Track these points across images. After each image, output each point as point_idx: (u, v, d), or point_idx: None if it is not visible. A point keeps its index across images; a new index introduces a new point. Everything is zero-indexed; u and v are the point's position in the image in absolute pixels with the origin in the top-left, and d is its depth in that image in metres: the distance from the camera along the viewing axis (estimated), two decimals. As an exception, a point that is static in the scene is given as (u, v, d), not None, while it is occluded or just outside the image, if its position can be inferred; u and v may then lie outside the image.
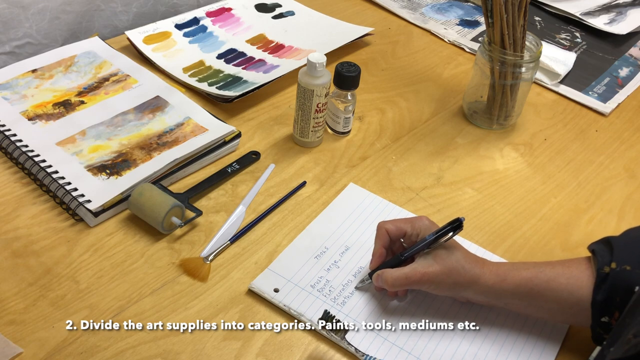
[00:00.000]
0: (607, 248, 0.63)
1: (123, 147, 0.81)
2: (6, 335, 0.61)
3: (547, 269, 0.64)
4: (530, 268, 0.64)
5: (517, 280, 0.63)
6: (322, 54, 0.81)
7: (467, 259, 0.64)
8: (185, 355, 0.61)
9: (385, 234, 0.67)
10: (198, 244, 0.72)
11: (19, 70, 0.91)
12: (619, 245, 0.62)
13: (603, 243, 0.64)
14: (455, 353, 0.64)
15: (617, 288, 0.60)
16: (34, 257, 0.69)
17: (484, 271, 0.64)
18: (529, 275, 0.63)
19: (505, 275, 0.64)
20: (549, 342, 0.66)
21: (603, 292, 0.61)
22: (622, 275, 0.60)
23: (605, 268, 0.61)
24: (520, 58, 0.90)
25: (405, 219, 0.68)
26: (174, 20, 1.08)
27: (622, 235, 0.65)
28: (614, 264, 0.61)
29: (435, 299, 0.69)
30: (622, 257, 0.61)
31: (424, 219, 0.67)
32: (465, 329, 0.66)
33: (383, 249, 0.68)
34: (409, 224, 0.67)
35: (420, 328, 0.66)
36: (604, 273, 0.61)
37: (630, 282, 0.59)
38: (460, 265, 0.63)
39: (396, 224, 0.68)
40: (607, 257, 0.62)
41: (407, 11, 1.24)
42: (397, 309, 0.68)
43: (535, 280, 0.63)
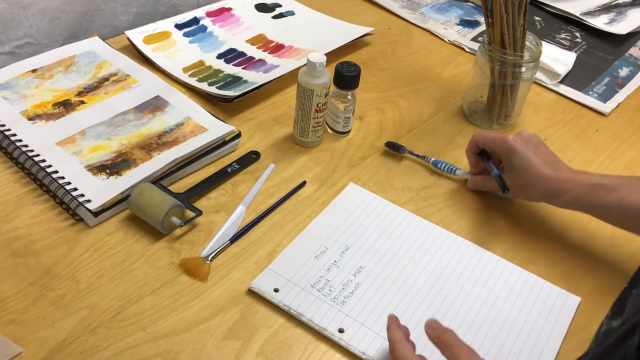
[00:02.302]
0: None
1: (123, 147, 0.81)
2: (6, 335, 0.61)
3: (623, 185, 0.67)
4: (605, 185, 0.68)
5: (591, 197, 0.69)
6: (322, 54, 0.81)
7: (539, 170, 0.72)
8: (185, 355, 0.61)
9: (474, 144, 0.80)
10: (198, 244, 0.72)
11: (19, 70, 0.91)
12: None
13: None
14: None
15: None
16: (34, 257, 0.69)
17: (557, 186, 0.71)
18: (604, 192, 0.68)
19: (579, 191, 0.69)
20: (549, 342, 0.66)
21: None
22: None
23: None
24: (520, 58, 0.90)
25: (494, 135, 0.78)
26: (174, 20, 1.08)
27: None
28: None
29: (435, 298, 0.69)
30: None
31: (508, 138, 0.75)
32: (465, 329, 0.66)
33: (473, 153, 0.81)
34: (493, 142, 0.77)
35: (420, 328, 0.66)
36: None
37: None
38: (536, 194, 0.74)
39: (485, 139, 0.78)
40: None
41: (407, 11, 1.24)
42: (397, 308, 0.68)
43: (608, 199, 0.68)
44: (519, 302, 0.70)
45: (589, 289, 0.73)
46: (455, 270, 0.72)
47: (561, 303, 0.70)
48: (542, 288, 0.72)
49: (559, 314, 0.69)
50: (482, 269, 0.73)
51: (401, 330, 0.60)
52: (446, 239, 0.76)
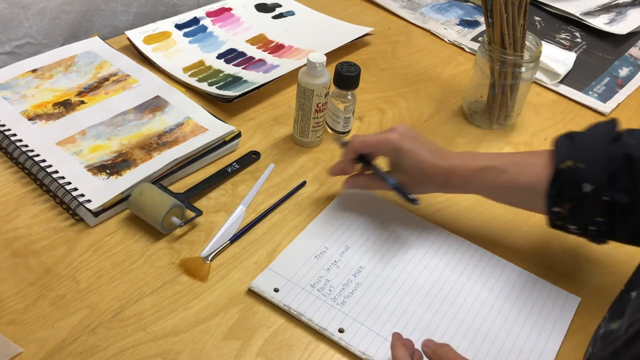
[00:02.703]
0: (569, 143, 0.67)
1: (123, 147, 0.81)
2: (6, 335, 0.61)
3: (511, 168, 0.69)
4: (493, 168, 0.70)
5: (480, 181, 0.71)
6: (322, 54, 0.81)
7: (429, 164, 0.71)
8: (185, 355, 0.61)
9: (352, 152, 0.75)
10: (198, 244, 0.72)
11: (19, 70, 0.91)
12: (580, 143, 0.66)
13: (566, 137, 0.68)
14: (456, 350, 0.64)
15: (569, 184, 0.65)
16: (34, 257, 0.69)
17: (448, 175, 0.71)
18: (492, 176, 0.70)
19: (469, 176, 0.71)
20: (549, 342, 0.66)
21: (557, 187, 0.66)
22: (575, 172, 0.65)
23: (562, 165, 0.65)
24: (520, 58, 0.90)
25: (374, 137, 0.73)
26: (174, 20, 1.08)
27: (587, 131, 0.69)
28: (570, 162, 0.65)
29: (435, 298, 0.69)
30: (579, 155, 0.65)
31: (392, 137, 0.71)
32: (465, 329, 0.66)
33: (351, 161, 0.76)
34: (377, 146, 0.73)
35: (420, 328, 0.66)
36: (559, 170, 0.65)
37: (580, 179, 0.64)
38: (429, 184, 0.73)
39: (366, 142, 0.73)
40: (564, 154, 0.66)
41: (407, 11, 1.24)
42: (397, 308, 0.68)
43: (498, 182, 0.70)
44: (519, 302, 0.70)
45: (589, 289, 0.73)
46: (455, 270, 0.72)
47: (561, 303, 0.70)
48: (542, 288, 0.72)
49: (559, 314, 0.69)
50: (482, 269, 0.73)
51: (405, 347, 0.60)
52: (446, 239, 0.76)
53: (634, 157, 0.63)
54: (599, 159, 0.65)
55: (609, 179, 0.64)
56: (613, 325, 0.53)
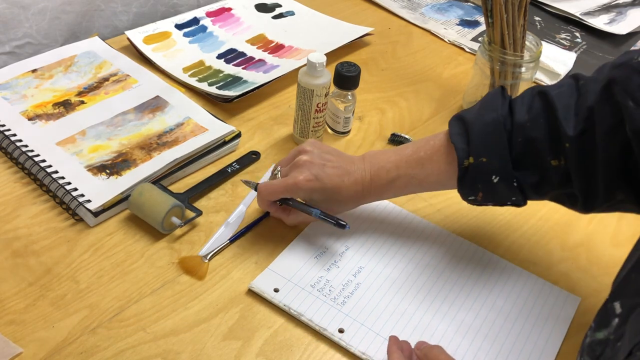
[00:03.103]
0: (463, 139, 0.67)
1: (123, 147, 0.81)
2: (6, 335, 0.61)
3: (418, 172, 0.70)
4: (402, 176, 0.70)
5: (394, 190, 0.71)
6: (322, 54, 0.81)
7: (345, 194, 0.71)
8: (185, 355, 0.61)
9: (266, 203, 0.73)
10: (198, 244, 0.72)
11: (19, 70, 0.91)
12: (474, 137, 0.66)
13: (459, 125, 0.68)
14: (455, 353, 0.64)
15: (478, 178, 0.66)
16: (34, 257, 0.69)
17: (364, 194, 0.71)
18: (404, 183, 0.70)
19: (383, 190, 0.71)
20: (549, 342, 0.66)
21: (467, 183, 0.67)
22: (480, 167, 0.66)
23: (465, 162, 0.66)
24: (520, 58, 0.90)
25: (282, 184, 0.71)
26: (174, 20, 1.08)
27: (477, 115, 0.68)
28: (472, 159, 0.66)
29: (435, 298, 0.69)
30: (477, 150, 0.66)
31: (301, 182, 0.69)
32: (465, 329, 0.66)
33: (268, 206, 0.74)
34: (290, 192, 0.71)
35: (420, 328, 0.66)
36: (464, 167, 0.66)
37: (488, 172, 0.66)
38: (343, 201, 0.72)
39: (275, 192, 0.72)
40: (464, 151, 0.66)
41: (407, 11, 1.24)
42: (397, 309, 0.68)
43: (410, 186, 0.71)
44: (519, 302, 0.70)
45: (589, 289, 0.73)
46: (455, 270, 0.72)
47: (561, 303, 0.70)
48: (542, 288, 0.72)
49: (559, 314, 0.69)
50: (482, 269, 0.73)
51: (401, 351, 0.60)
52: (446, 239, 0.76)
53: (532, 137, 0.64)
54: (497, 148, 0.65)
55: (514, 164, 0.65)
56: (599, 335, 0.53)
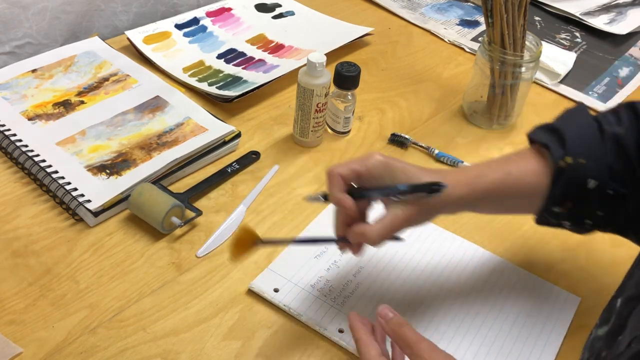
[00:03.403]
0: (556, 139, 0.63)
1: (123, 147, 0.81)
2: (6, 335, 0.61)
3: (513, 169, 0.63)
4: (497, 170, 0.63)
5: (487, 186, 0.63)
6: (322, 54, 0.81)
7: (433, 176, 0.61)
8: (185, 355, 0.61)
9: (339, 180, 0.60)
10: (198, 244, 0.72)
11: (19, 70, 0.91)
12: (569, 137, 0.62)
13: (550, 132, 0.64)
14: (455, 352, 0.64)
15: (572, 181, 0.62)
16: (34, 257, 0.69)
17: (454, 185, 0.61)
18: (498, 179, 0.63)
19: (474, 184, 0.62)
20: (549, 342, 0.66)
21: (559, 186, 0.62)
22: (577, 168, 0.61)
23: (561, 162, 0.62)
24: (520, 58, 0.90)
25: (356, 160, 0.62)
26: (174, 20, 1.08)
27: (566, 123, 0.65)
28: (569, 159, 0.61)
29: (435, 298, 0.69)
30: (575, 150, 0.62)
31: (375, 155, 0.62)
32: (465, 328, 0.66)
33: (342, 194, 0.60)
34: (362, 164, 0.61)
35: (420, 328, 0.66)
36: (560, 168, 0.62)
37: (584, 176, 0.61)
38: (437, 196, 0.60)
39: (349, 166, 0.61)
40: (560, 150, 0.62)
41: (407, 11, 1.24)
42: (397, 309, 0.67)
43: (505, 183, 0.63)
44: (519, 302, 0.70)
45: (589, 289, 0.73)
46: (455, 271, 0.72)
47: (561, 303, 0.70)
48: (542, 288, 0.72)
49: (559, 314, 0.69)
50: (482, 269, 0.73)
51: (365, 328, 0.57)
52: (446, 239, 0.76)
53: (625, 147, 0.62)
54: (596, 152, 0.62)
55: (609, 172, 0.62)
56: (600, 332, 0.53)
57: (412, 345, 0.53)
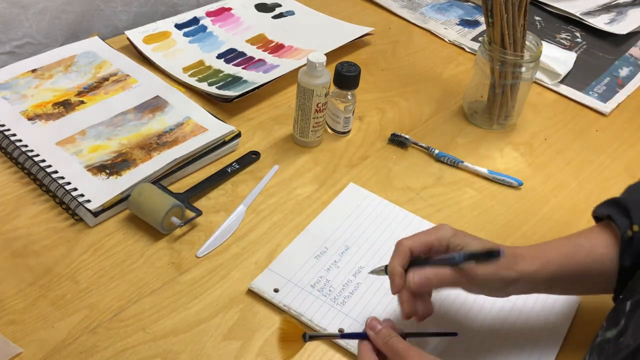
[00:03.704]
0: (620, 210, 0.61)
1: (123, 147, 0.81)
2: (6, 335, 0.61)
3: (584, 241, 0.61)
4: (567, 244, 0.61)
5: (560, 259, 0.60)
6: (322, 54, 0.81)
7: (505, 251, 0.58)
8: (185, 355, 0.61)
9: (407, 253, 0.60)
10: (198, 244, 0.72)
11: (18, 70, 0.91)
12: (633, 206, 0.60)
13: (613, 206, 0.62)
14: (455, 353, 0.64)
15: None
16: (34, 257, 0.69)
17: (525, 258, 0.59)
18: (570, 252, 0.60)
19: (547, 258, 0.60)
20: (549, 342, 0.66)
21: (629, 256, 0.59)
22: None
23: (628, 232, 0.59)
24: (520, 58, 0.90)
25: (424, 232, 0.61)
26: (174, 20, 1.08)
27: (628, 195, 0.63)
28: (635, 227, 0.58)
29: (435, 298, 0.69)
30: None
31: (445, 227, 0.61)
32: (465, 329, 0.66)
33: (402, 268, 0.60)
34: (434, 236, 0.60)
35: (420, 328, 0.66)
36: (628, 237, 0.59)
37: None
38: (508, 262, 0.58)
39: (420, 239, 0.60)
40: (625, 220, 0.59)
41: (407, 11, 1.24)
42: (397, 309, 0.67)
43: (578, 256, 0.60)
44: (519, 302, 0.70)
45: (589, 289, 0.73)
46: (455, 271, 0.72)
47: (561, 303, 0.70)
48: (542, 288, 0.72)
49: (559, 314, 0.69)
50: (482, 269, 0.73)
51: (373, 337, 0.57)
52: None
53: None
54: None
55: None
56: (608, 334, 0.53)
57: (402, 353, 0.55)
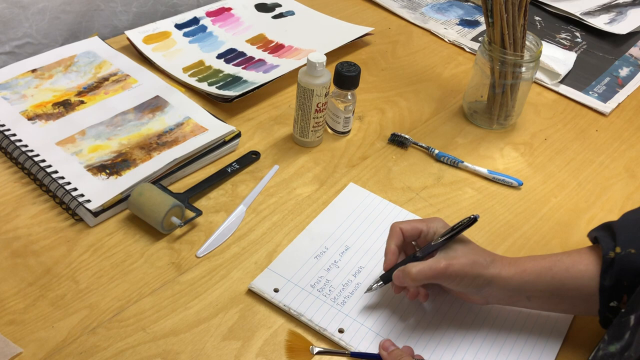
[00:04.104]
0: (608, 233, 0.63)
1: (123, 147, 0.81)
2: (6, 335, 0.61)
3: (564, 257, 0.63)
4: (547, 257, 0.64)
5: (536, 269, 0.63)
6: (322, 54, 0.81)
7: (486, 253, 0.64)
8: (185, 355, 0.61)
9: (399, 233, 0.66)
10: (198, 244, 0.72)
11: (18, 70, 0.91)
12: (620, 230, 0.62)
13: (603, 229, 0.65)
14: (455, 353, 0.64)
15: (624, 272, 0.60)
16: (34, 257, 0.69)
17: (503, 263, 0.63)
18: (548, 264, 0.63)
19: (524, 266, 0.63)
20: (549, 342, 0.66)
21: (610, 277, 0.60)
22: (627, 258, 0.60)
23: (611, 253, 0.61)
24: (520, 58, 0.90)
25: (419, 219, 0.68)
26: (174, 20, 1.08)
27: (621, 220, 0.65)
28: (618, 249, 0.61)
29: (435, 298, 0.69)
30: (625, 241, 0.61)
31: (438, 219, 0.66)
32: (465, 329, 0.66)
33: (396, 247, 0.66)
34: (424, 224, 0.66)
35: (419, 327, 0.66)
36: (609, 258, 0.61)
37: (637, 264, 0.59)
38: (482, 258, 0.62)
39: (411, 223, 0.66)
40: (610, 242, 0.62)
41: (407, 11, 1.24)
42: (397, 309, 0.67)
43: (555, 269, 0.62)
44: (519, 302, 0.70)
45: (589, 289, 0.73)
46: (455, 270, 0.72)
47: (561, 303, 0.70)
48: (542, 288, 0.72)
49: (559, 315, 0.69)
50: (482, 269, 0.73)
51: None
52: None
53: None
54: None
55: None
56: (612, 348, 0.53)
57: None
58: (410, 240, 0.67)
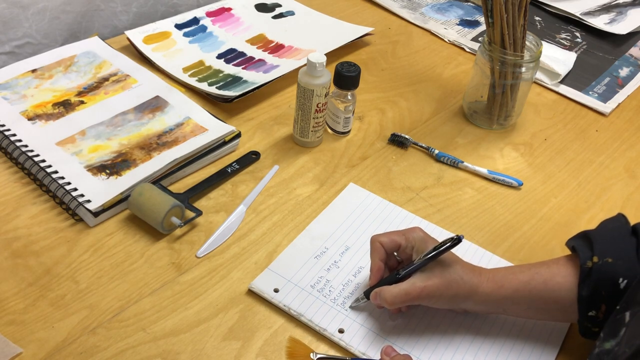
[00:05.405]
0: (586, 243, 0.63)
1: (123, 147, 0.81)
2: (6, 335, 0.61)
3: (543, 270, 0.64)
4: (526, 271, 0.64)
5: (514, 284, 0.63)
6: (322, 54, 0.81)
7: (465, 269, 0.63)
8: (185, 355, 0.61)
9: (380, 248, 0.66)
10: (198, 244, 0.72)
11: (18, 70, 0.91)
12: (597, 239, 0.62)
13: (581, 238, 0.65)
14: (455, 353, 0.64)
15: (601, 282, 0.60)
16: (34, 257, 0.69)
17: (482, 280, 0.63)
18: (525, 278, 0.63)
19: (502, 282, 0.63)
20: (548, 343, 0.66)
21: (587, 287, 0.61)
22: (605, 268, 0.60)
23: (588, 263, 0.61)
24: (520, 58, 0.90)
25: (398, 231, 0.67)
26: (174, 20, 1.08)
27: (599, 228, 0.65)
28: (595, 258, 0.61)
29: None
30: (602, 250, 0.61)
31: (417, 230, 0.66)
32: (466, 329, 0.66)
33: (381, 262, 0.66)
34: (403, 236, 0.66)
35: (419, 327, 0.66)
36: (587, 268, 0.61)
37: (614, 274, 0.60)
38: (459, 276, 0.62)
39: (390, 236, 0.66)
40: (587, 251, 0.62)
41: (407, 11, 1.24)
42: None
43: (533, 283, 0.63)
44: (519, 302, 0.70)
45: (589, 289, 0.73)
46: (455, 271, 0.72)
47: (561, 303, 0.70)
48: (542, 288, 0.72)
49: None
50: (482, 269, 0.73)
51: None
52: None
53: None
54: (625, 249, 0.61)
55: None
56: (607, 345, 0.53)
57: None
58: (391, 252, 0.67)
